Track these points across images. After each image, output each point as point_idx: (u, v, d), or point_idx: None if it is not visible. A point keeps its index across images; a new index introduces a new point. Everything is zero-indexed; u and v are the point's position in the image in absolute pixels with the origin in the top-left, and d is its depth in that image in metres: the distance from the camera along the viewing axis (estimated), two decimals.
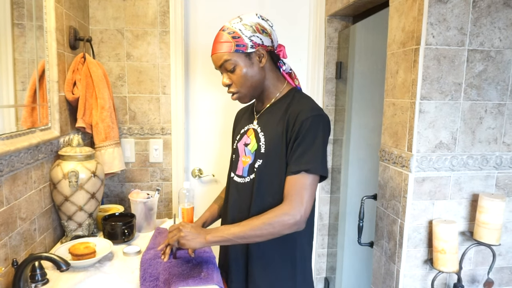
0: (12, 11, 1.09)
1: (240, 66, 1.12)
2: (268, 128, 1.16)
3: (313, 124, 1.07)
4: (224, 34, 1.12)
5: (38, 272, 1.08)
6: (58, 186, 1.32)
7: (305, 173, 1.05)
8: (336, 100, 2.09)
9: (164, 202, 2.01)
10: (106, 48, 1.86)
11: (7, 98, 1.08)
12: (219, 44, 1.12)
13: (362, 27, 1.79)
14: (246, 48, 1.11)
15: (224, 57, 1.11)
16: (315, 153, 1.06)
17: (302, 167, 1.05)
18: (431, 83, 1.21)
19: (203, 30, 2.00)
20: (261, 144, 1.15)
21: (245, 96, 1.18)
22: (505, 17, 1.22)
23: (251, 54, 1.12)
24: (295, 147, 1.07)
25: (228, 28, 1.12)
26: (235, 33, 1.11)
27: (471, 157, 1.27)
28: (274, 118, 1.16)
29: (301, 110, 1.10)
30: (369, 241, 1.58)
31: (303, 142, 1.06)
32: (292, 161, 1.08)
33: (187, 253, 1.30)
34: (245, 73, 1.13)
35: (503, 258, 1.36)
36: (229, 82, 1.16)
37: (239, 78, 1.13)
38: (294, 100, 1.16)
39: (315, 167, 1.06)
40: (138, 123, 1.93)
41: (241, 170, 1.20)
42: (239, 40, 1.11)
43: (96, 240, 1.35)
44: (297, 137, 1.07)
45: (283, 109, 1.15)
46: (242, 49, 1.11)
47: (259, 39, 1.12)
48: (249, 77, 1.14)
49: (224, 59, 1.12)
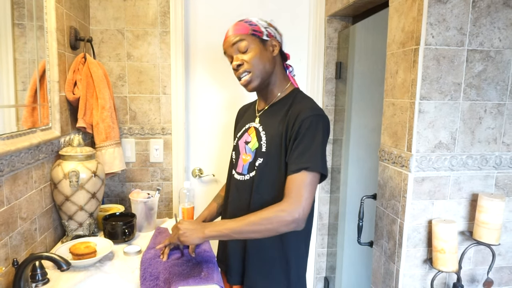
0: (13, 11, 1.10)
1: (254, 48, 1.15)
2: (269, 127, 1.17)
3: (313, 123, 1.07)
4: (241, 22, 1.17)
5: (38, 272, 1.08)
6: (58, 186, 1.32)
7: (305, 171, 1.05)
8: (336, 100, 2.09)
9: (165, 202, 2.01)
10: (106, 48, 1.86)
11: (7, 98, 1.08)
12: (237, 27, 1.16)
13: (362, 27, 1.79)
14: (262, 34, 1.16)
15: (239, 36, 1.14)
16: (315, 151, 1.06)
17: (301, 165, 1.05)
18: (431, 83, 1.22)
19: (203, 30, 2.00)
20: (262, 143, 1.15)
21: (257, 77, 1.16)
22: (505, 17, 1.22)
23: (266, 41, 1.17)
24: (295, 146, 1.08)
25: (245, 19, 1.17)
26: (251, 22, 1.16)
27: (470, 157, 1.28)
28: (276, 117, 1.17)
29: (301, 110, 1.10)
30: (369, 240, 1.58)
31: (303, 141, 1.07)
32: (292, 160, 1.08)
33: (187, 253, 1.30)
34: (259, 55, 1.15)
35: (503, 258, 1.36)
36: (239, 61, 1.15)
37: (252, 57, 1.14)
38: (296, 100, 1.17)
39: (314, 165, 1.06)
40: (139, 123, 1.94)
41: (241, 168, 1.20)
42: (256, 27, 1.16)
43: (97, 240, 1.36)
44: (297, 136, 1.08)
45: (284, 109, 1.16)
46: (258, 34, 1.15)
47: (273, 32, 1.18)
48: (262, 59, 1.15)
49: (239, 38, 1.14)
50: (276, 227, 1.03)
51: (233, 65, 1.17)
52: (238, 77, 1.18)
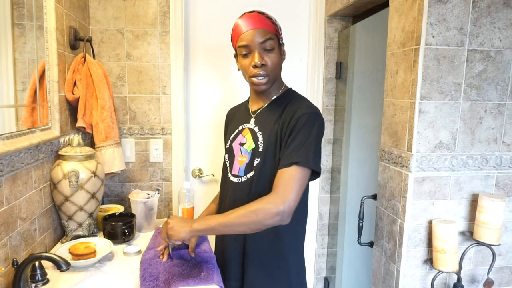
0: (12, 11, 1.10)
1: (276, 52, 1.13)
2: (265, 128, 1.16)
3: (308, 121, 1.07)
4: (262, 16, 1.12)
5: (38, 272, 1.08)
6: (58, 186, 1.32)
7: (295, 166, 1.04)
8: (336, 100, 2.09)
9: (164, 202, 2.01)
10: (106, 48, 1.86)
11: (7, 98, 1.08)
12: (261, 21, 1.10)
13: (362, 27, 1.79)
14: (280, 38, 1.15)
15: (268, 34, 1.10)
16: (308, 147, 1.05)
17: (292, 160, 1.04)
18: (431, 83, 1.21)
19: (203, 30, 2.00)
20: (259, 143, 1.15)
21: (271, 82, 1.15)
22: (505, 17, 1.22)
23: (282, 45, 1.16)
24: (290, 141, 1.07)
25: (265, 14, 1.13)
26: (273, 19, 1.13)
27: (471, 157, 1.28)
28: (272, 117, 1.16)
29: (298, 108, 1.11)
30: (369, 241, 1.58)
31: (297, 137, 1.06)
32: (285, 154, 1.07)
33: (187, 253, 1.30)
34: (278, 60, 1.14)
35: (503, 258, 1.36)
36: (264, 62, 1.10)
37: (273, 60, 1.12)
38: (292, 99, 1.18)
39: (306, 160, 1.04)
40: (138, 123, 1.94)
41: (237, 170, 1.20)
42: (277, 28, 1.14)
43: (96, 240, 1.36)
44: (292, 131, 1.07)
45: (280, 109, 1.16)
46: (279, 36, 1.14)
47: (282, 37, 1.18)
48: (278, 65, 1.15)
49: (270, 36, 1.10)
50: (261, 219, 1.00)
51: (257, 62, 1.09)
52: (253, 75, 1.12)
